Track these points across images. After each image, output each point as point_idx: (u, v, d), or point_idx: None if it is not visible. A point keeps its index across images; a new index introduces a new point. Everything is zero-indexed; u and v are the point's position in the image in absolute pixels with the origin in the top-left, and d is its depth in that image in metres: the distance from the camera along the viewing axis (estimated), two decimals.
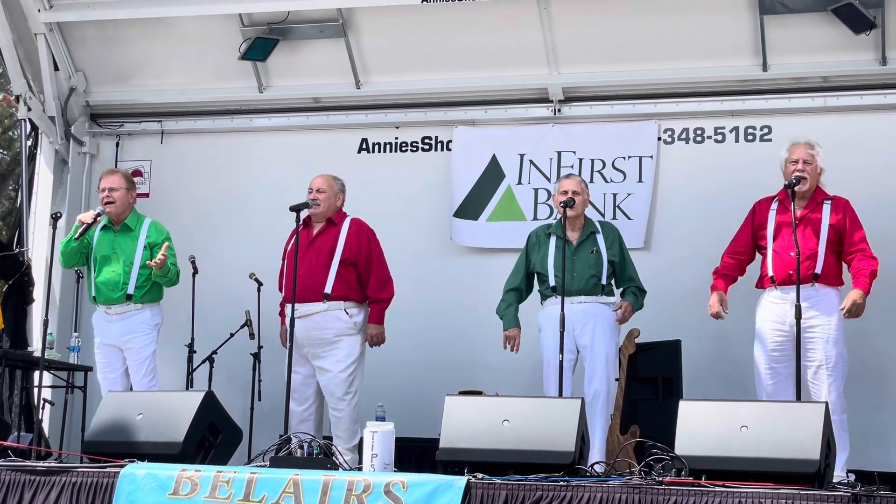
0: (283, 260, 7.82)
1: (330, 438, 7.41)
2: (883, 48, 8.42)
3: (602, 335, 7.38)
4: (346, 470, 5.87)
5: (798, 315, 6.59)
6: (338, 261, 7.61)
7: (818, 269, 6.94)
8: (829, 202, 7.08)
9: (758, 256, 7.29)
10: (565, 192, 7.44)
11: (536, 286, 7.67)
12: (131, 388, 7.74)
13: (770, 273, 7.05)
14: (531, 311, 7.63)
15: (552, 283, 7.39)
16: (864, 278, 6.90)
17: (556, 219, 7.84)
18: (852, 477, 6.34)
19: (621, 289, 7.63)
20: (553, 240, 7.48)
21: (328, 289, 7.58)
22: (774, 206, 7.17)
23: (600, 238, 7.52)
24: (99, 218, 7.78)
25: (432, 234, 9.24)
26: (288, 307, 7.41)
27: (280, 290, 7.89)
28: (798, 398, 6.57)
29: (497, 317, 7.69)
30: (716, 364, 8.30)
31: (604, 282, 7.45)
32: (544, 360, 7.40)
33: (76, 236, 7.73)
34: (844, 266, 7.11)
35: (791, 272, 6.80)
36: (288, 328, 7.19)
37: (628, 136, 9.04)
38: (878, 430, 8.09)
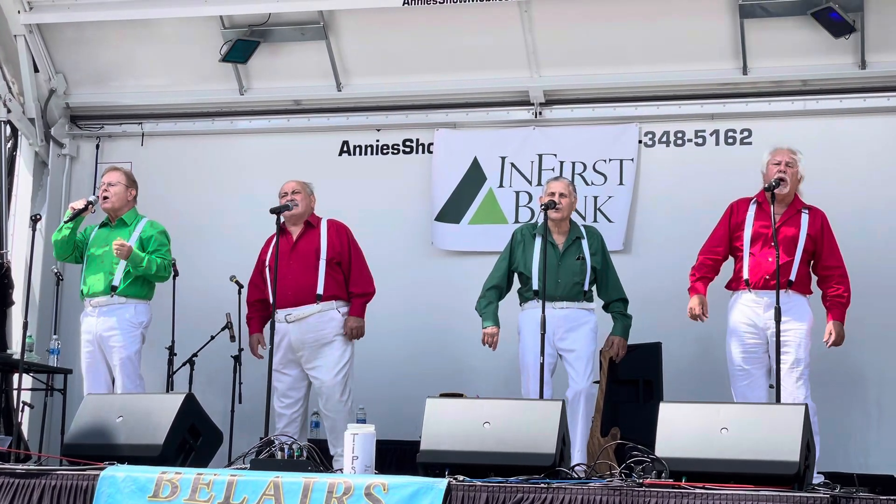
0: (265, 268, 7.78)
1: (315, 442, 7.39)
2: (862, 52, 8.46)
3: (583, 339, 7.37)
4: (326, 472, 5.86)
5: (778, 318, 6.62)
6: (324, 261, 7.64)
7: (792, 277, 7.00)
8: (807, 212, 7.13)
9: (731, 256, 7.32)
10: (552, 194, 7.44)
11: (516, 285, 7.67)
12: (113, 385, 7.70)
13: (746, 276, 7.08)
14: (512, 312, 7.62)
15: (535, 286, 7.33)
16: (841, 308, 7.05)
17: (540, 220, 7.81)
18: (821, 479, 6.36)
19: (605, 302, 7.61)
20: (539, 241, 7.41)
21: (320, 289, 7.62)
22: (752, 208, 7.19)
23: (585, 244, 7.51)
24: (91, 206, 7.80)
25: (414, 236, 9.24)
26: (280, 312, 7.52)
27: (252, 299, 7.87)
28: (778, 400, 6.61)
29: (477, 317, 7.68)
30: (696, 366, 8.31)
31: (586, 288, 7.45)
32: (522, 363, 7.39)
33: (66, 220, 7.77)
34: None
35: (767, 277, 6.85)
36: (262, 336, 7.65)
37: (609, 138, 9.06)
38: (857, 433, 8.14)
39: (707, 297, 7.27)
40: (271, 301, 7.60)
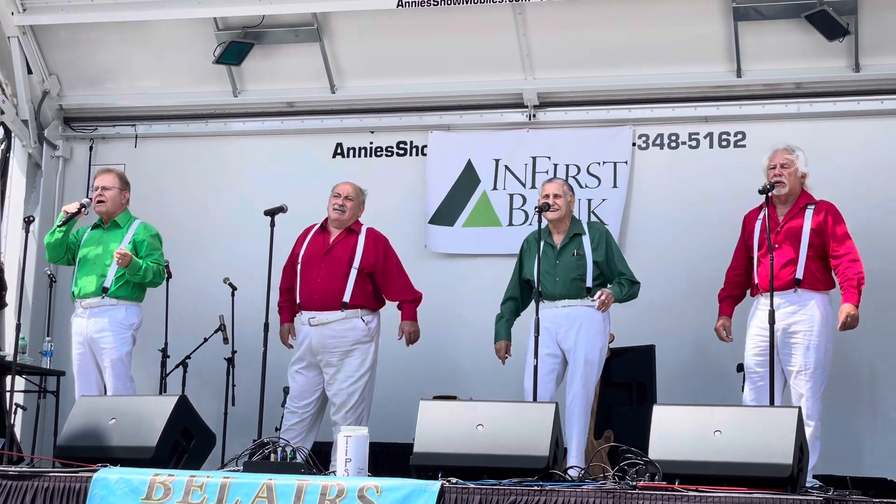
0: (298, 261, 7.73)
1: (319, 445, 7.36)
2: (856, 55, 8.47)
3: (585, 339, 7.26)
4: (320, 474, 5.86)
5: (771, 320, 6.61)
6: (356, 270, 7.62)
7: (799, 275, 6.94)
8: (812, 206, 7.09)
9: None
10: (546, 196, 7.42)
11: None
12: (105, 390, 7.68)
13: (756, 281, 7.08)
14: (524, 315, 7.59)
15: (539, 288, 7.34)
16: (851, 290, 6.88)
17: (532, 224, 7.80)
18: (817, 483, 6.36)
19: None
20: (541, 245, 7.37)
21: (346, 297, 7.56)
22: (761, 215, 7.17)
23: (586, 240, 7.43)
24: (84, 209, 7.78)
25: (408, 239, 9.19)
26: (304, 314, 7.56)
27: (284, 287, 7.79)
28: (771, 403, 6.60)
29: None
30: (689, 369, 8.32)
31: (589, 284, 7.33)
32: (527, 364, 7.37)
33: (59, 224, 7.74)
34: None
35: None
36: (293, 326, 7.65)
37: (603, 141, 9.06)
38: (851, 435, 8.12)
39: (704, 300, 7.28)
40: (297, 300, 7.66)
